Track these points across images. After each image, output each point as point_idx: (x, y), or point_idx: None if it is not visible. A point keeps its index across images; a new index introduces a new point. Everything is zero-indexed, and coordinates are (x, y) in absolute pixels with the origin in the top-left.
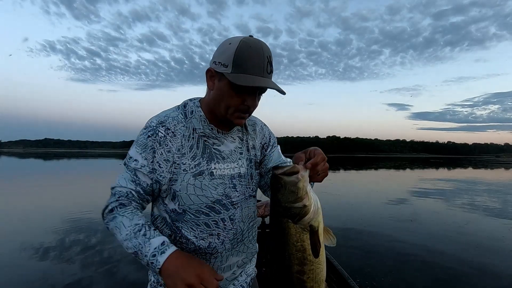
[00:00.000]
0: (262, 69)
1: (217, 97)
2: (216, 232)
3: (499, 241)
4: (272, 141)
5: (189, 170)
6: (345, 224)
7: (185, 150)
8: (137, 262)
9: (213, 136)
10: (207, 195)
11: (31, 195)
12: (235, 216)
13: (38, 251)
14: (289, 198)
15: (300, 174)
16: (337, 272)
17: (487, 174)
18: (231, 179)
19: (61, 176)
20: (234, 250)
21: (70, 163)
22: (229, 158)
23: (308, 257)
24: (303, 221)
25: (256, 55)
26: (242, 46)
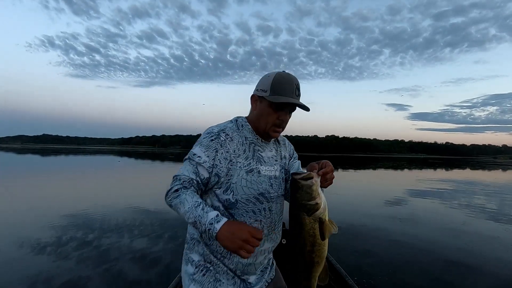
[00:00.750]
0: (292, 92)
1: (259, 115)
2: (259, 218)
3: (495, 241)
4: (295, 154)
5: (243, 168)
6: (343, 223)
7: (240, 152)
8: (135, 259)
9: (258, 144)
10: (255, 188)
11: (28, 190)
12: (272, 208)
13: (35, 247)
14: (305, 197)
15: (314, 180)
16: (335, 270)
17: (485, 176)
18: (270, 179)
19: (58, 172)
20: (268, 237)
21: (68, 159)
22: (269, 162)
23: (317, 241)
24: (315, 215)
25: (288, 83)
26: (277, 76)
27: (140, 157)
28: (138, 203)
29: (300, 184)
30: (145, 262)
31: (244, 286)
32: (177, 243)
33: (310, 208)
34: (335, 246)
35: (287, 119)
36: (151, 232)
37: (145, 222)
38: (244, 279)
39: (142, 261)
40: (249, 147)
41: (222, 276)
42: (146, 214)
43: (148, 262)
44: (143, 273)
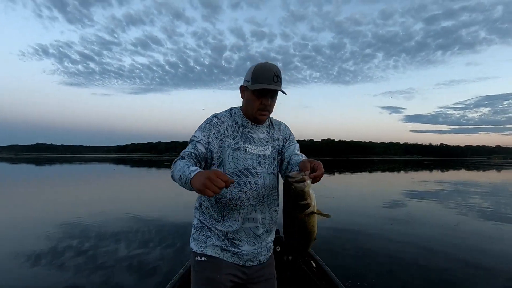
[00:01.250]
0: (270, 79)
1: (246, 102)
2: (244, 190)
3: (489, 241)
4: (291, 137)
5: (231, 146)
6: (339, 226)
7: (228, 133)
8: (132, 267)
9: (248, 126)
10: (240, 163)
11: (23, 200)
12: (258, 182)
13: (29, 257)
14: (298, 198)
15: (306, 182)
16: (329, 279)
17: (479, 176)
18: (258, 157)
19: (53, 181)
20: (256, 207)
21: (63, 168)
22: (259, 143)
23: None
24: (306, 212)
25: (266, 71)
26: (257, 67)
27: (136, 164)
28: (134, 211)
29: (293, 187)
30: (142, 270)
31: (233, 247)
32: (174, 250)
33: (302, 207)
34: (330, 249)
35: (270, 103)
36: (148, 240)
37: (142, 230)
38: (236, 243)
39: (139, 269)
40: (238, 129)
41: (212, 234)
42: (142, 222)
43: (145, 271)
44: (140, 282)
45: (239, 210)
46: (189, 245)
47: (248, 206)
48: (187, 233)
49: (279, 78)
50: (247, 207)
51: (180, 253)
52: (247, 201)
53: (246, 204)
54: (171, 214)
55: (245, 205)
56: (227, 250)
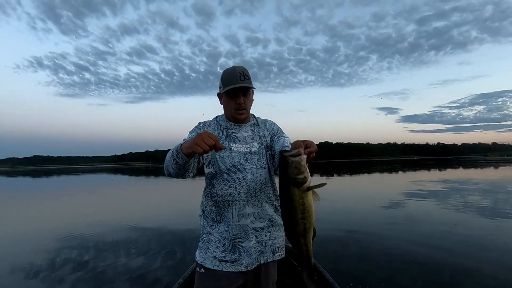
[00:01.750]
0: (237, 79)
1: (224, 106)
2: (233, 185)
3: (489, 239)
4: (279, 132)
5: None
6: (339, 228)
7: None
8: (132, 279)
9: (232, 128)
10: (227, 162)
11: (20, 214)
12: (247, 177)
13: (28, 272)
14: (295, 172)
15: (303, 156)
16: (330, 285)
17: (477, 174)
18: (245, 154)
19: (51, 193)
20: (249, 202)
21: (60, 179)
22: (243, 141)
23: (306, 208)
24: (303, 187)
25: (231, 73)
26: (223, 72)
27: (134, 173)
28: (133, 221)
29: (290, 161)
30: (143, 281)
31: (233, 253)
32: (174, 260)
33: (299, 181)
34: (329, 251)
35: (244, 101)
36: (147, 251)
37: (141, 240)
38: (236, 242)
39: (140, 280)
40: (223, 132)
41: (213, 242)
42: (141, 232)
43: (145, 281)
44: None
45: (232, 206)
46: (190, 254)
47: (240, 201)
48: (186, 242)
49: (246, 77)
50: (239, 202)
51: (180, 263)
52: (238, 196)
53: (237, 200)
54: (170, 223)
55: (236, 200)
56: (226, 260)
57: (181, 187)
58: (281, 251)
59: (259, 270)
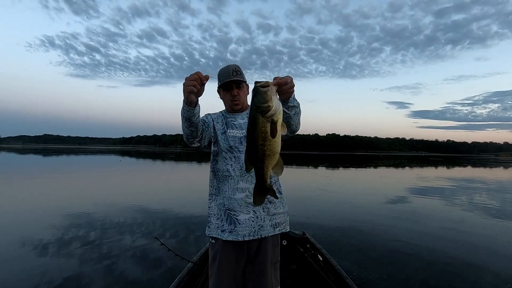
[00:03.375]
0: (229, 74)
1: (222, 99)
2: (230, 163)
3: (495, 238)
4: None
5: (219, 130)
6: (344, 221)
7: (218, 121)
8: (136, 257)
9: (230, 117)
10: (226, 143)
11: (30, 190)
12: (240, 157)
13: (36, 246)
14: (260, 100)
15: (270, 87)
16: (336, 271)
17: (486, 173)
18: (240, 138)
19: (60, 172)
20: (242, 177)
21: (70, 159)
22: (239, 127)
23: (268, 137)
24: (267, 115)
25: (224, 70)
26: (219, 71)
27: (141, 156)
28: (141, 202)
29: (258, 90)
30: (147, 262)
31: (230, 224)
32: (179, 242)
33: (264, 109)
34: (334, 244)
35: (238, 93)
36: (153, 231)
37: (147, 221)
38: (231, 214)
39: (144, 260)
40: (223, 120)
41: (214, 214)
42: (147, 213)
43: (150, 262)
44: (145, 273)
45: (228, 180)
46: (194, 235)
47: (234, 177)
48: (192, 225)
49: (238, 72)
50: (233, 178)
51: (185, 245)
52: (233, 172)
53: (232, 175)
54: (177, 206)
55: (231, 176)
56: (225, 230)
57: (188, 172)
58: (282, 226)
59: (260, 245)
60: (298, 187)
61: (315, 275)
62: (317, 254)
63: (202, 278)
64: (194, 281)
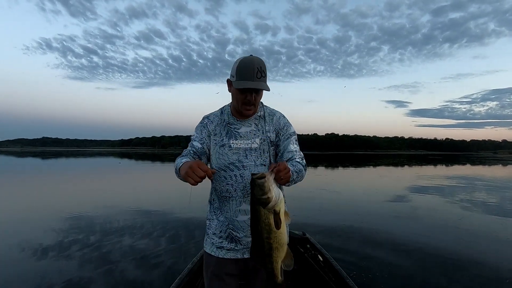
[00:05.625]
0: (253, 75)
1: (232, 96)
2: (230, 183)
3: (495, 236)
4: (286, 129)
5: (217, 143)
6: (344, 221)
7: (216, 132)
8: (137, 260)
9: (234, 123)
10: (225, 159)
11: (29, 194)
12: (244, 174)
13: (36, 250)
14: (259, 193)
15: (266, 178)
16: (336, 272)
17: (485, 171)
18: (245, 150)
19: (59, 175)
20: (245, 199)
21: (68, 161)
22: (245, 136)
23: (273, 228)
24: (268, 207)
25: (249, 67)
26: (240, 63)
27: (140, 158)
28: (139, 204)
29: (255, 182)
30: (147, 263)
31: (230, 242)
32: (178, 243)
33: (264, 201)
34: (334, 243)
35: (255, 97)
36: (152, 233)
37: (147, 223)
38: (233, 234)
39: (144, 262)
40: (224, 127)
41: (213, 228)
42: (147, 215)
43: (150, 264)
44: (145, 275)
45: (229, 202)
46: (194, 239)
47: (237, 198)
48: (191, 227)
49: (263, 73)
50: (236, 199)
51: (184, 247)
52: (235, 193)
53: (234, 196)
54: (176, 208)
55: (233, 197)
56: (222, 247)
57: None
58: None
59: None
60: (298, 187)
61: (315, 275)
62: (317, 254)
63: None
64: (195, 282)
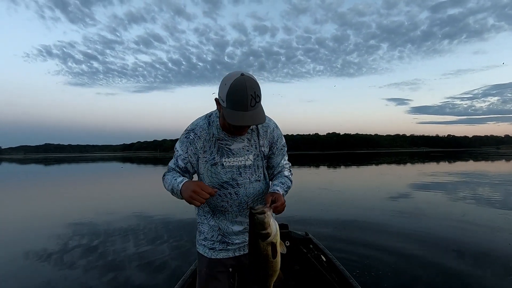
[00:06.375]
0: (246, 105)
1: (222, 118)
2: (225, 200)
3: (498, 231)
4: (279, 142)
5: (208, 161)
6: (346, 220)
7: (206, 149)
8: (141, 265)
9: (225, 139)
10: (219, 178)
11: (32, 200)
12: (239, 192)
13: (40, 257)
14: (259, 228)
15: (266, 214)
16: (339, 272)
17: (488, 166)
18: (239, 168)
19: (62, 181)
20: (241, 212)
21: (71, 167)
22: (238, 153)
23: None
24: (267, 240)
25: (241, 95)
26: (231, 87)
27: (142, 162)
28: (142, 208)
29: (255, 218)
30: (151, 268)
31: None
32: (182, 246)
33: (263, 236)
34: (336, 242)
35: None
36: (156, 237)
37: (150, 228)
38: (226, 240)
39: (148, 267)
40: (215, 144)
41: (204, 231)
42: (150, 220)
43: (154, 268)
44: (150, 279)
45: (224, 214)
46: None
47: (232, 212)
48: (194, 230)
49: (258, 98)
50: (231, 213)
51: (188, 250)
52: (230, 208)
53: (229, 211)
54: (179, 211)
55: (228, 211)
56: (214, 248)
57: None
58: None
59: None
60: (300, 187)
61: (318, 275)
62: (320, 254)
63: None
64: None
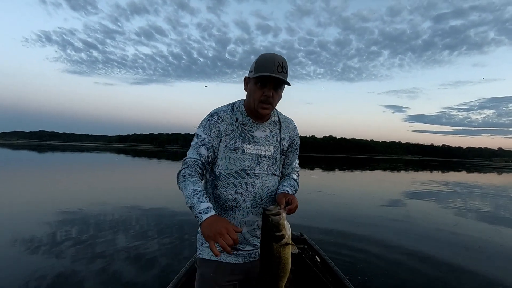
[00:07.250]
0: (272, 68)
1: (248, 94)
2: (240, 191)
3: (487, 242)
4: (297, 142)
5: (229, 146)
6: (341, 223)
7: (227, 132)
8: (130, 257)
9: (249, 124)
10: (237, 164)
11: (23, 187)
12: (255, 183)
13: (29, 245)
14: (274, 229)
15: (282, 215)
16: (333, 273)
17: (480, 178)
18: (258, 157)
19: (54, 169)
20: (253, 209)
21: (65, 156)
22: (260, 142)
23: (283, 261)
24: (281, 242)
25: (269, 60)
26: (260, 57)
27: (137, 154)
28: (134, 201)
29: (270, 219)
30: (141, 262)
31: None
32: (173, 242)
33: (278, 238)
34: (330, 246)
35: (272, 95)
36: (147, 231)
37: (141, 221)
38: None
39: (138, 261)
40: (238, 128)
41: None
42: (142, 212)
43: (144, 262)
44: (139, 273)
45: (234, 212)
46: (191, 234)
47: (244, 208)
48: (187, 225)
49: (284, 69)
50: (243, 209)
51: (179, 245)
52: (243, 202)
53: (242, 206)
54: (173, 206)
55: (240, 206)
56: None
57: None
58: None
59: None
60: None
61: (312, 276)
62: (314, 255)
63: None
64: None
